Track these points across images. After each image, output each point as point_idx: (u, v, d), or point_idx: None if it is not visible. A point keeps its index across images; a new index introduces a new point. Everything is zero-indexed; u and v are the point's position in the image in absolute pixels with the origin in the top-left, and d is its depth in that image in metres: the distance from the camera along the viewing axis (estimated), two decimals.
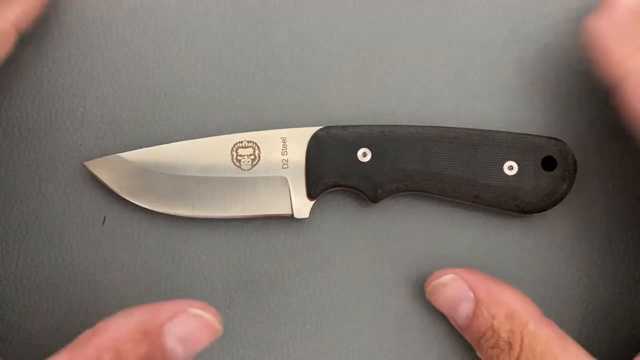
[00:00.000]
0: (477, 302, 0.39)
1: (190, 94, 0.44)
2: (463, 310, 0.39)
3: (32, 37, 0.43)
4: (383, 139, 0.41)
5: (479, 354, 0.40)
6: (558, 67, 0.44)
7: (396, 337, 0.43)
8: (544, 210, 0.42)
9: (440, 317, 0.43)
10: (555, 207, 0.42)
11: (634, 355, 0.37)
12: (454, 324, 0.41)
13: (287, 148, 0.42)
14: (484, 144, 0.41)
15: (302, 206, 0.42)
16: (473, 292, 0.39)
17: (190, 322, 0.35)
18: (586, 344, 0.42)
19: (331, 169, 0.41)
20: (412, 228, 0.43)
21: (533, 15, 0.45)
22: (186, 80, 0.44)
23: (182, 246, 0.43)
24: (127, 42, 0.44)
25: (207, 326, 0.35)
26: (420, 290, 0.43)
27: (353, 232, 0.43)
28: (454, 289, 0.40)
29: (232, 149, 0.42)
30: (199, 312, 0.35)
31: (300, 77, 0.44)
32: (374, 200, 0.42)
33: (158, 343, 0.34)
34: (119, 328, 0.34)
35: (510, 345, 0.37)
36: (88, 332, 0.34)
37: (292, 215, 0.42)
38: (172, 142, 0.42)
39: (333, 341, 0.43)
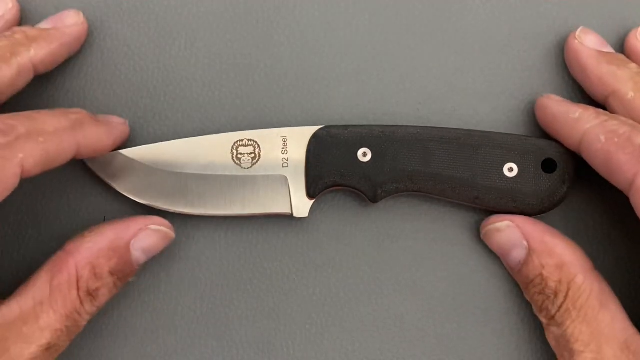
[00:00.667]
0: (530, 250, 0.40)
1: (190, 94, 0.44)
2: (515, 256, 0.41)
3: None
4: (383, 139, 0.41)
5: (525, 295, 0.41)
6: (558, 67, 0.44)
7: (396, 337, 0.43)
8: (544, 212, 0.42)
9: (440, 317, 0.43)
10: (555, 209, 0.42)
11: None
12: (505, 264, 0.42)
13: (287, 147, 0.42)
14: (484, 146, 0.41)
15: (301, 205, 0.42)
16: (527, 241, 0.40)
17: (151, 236, 0.40)
18: None
19: (331, 168, 0.41)
20: (412, 228, 0.43)
21: (533, 15, 0.45)
22: (186, 80, 0.44)
23: (182, 246, 0.43)
24: (127, 42, 0.44)
25: (165, 236, 0.41)
26: (420, 290, 0.43)
27: (353, 232, 0.43)
28: (508, 235, 0.41)
29: (232, 147, 0.42)
30: (158, 227, 0.41)
31: (300, 77, 0.44)
32: (374, 200, 0.42)
33: (125, 255, 0.39)
34: (91, 247, 0.38)
35: (556, 294, 0.38)
36: (60, 254, 0.38)
37: (292, 214, 0.42)
38: None
39: (333, 341, 0.43)
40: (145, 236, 0.40)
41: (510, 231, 0.41)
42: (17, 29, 0.41)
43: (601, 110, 0.40)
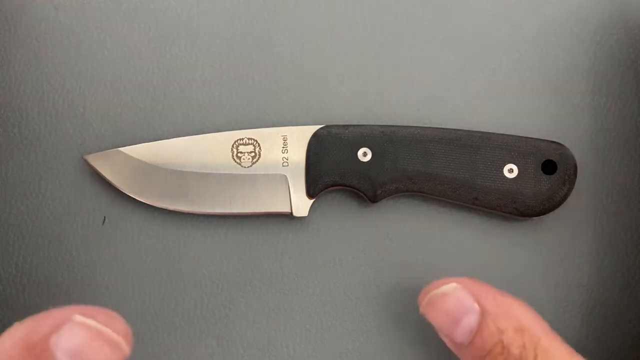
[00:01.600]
0: (483, 314, 0.34)
1: (190, 94, 0.44)
2: (466, 324, 0.34)
3: (32, 37, 0.43)
4: (384, 139, 0.41)
5: None
6: (559, 68, 0.44)
7: (396, 337, 0.43)
8: (544, 213, 0.42)
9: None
10: (555, 210, 0.42)
11: (634, 356, 0.37)
12: (448, 342, 0.36)
13: (287, 146, 0.42)
14: (485, 146, 0.41)
15: (301, 204, 0.42)
16: (478, 303, 0.34)
17: (78, 333, 0.30)
18: (586, 344, 0.42)
19: (331, 168, 0.41)
20: (411, 228, 0.43)
21: (533, 16, 0.45)
22: (186, 80, 0.44)
23: (182, 246, 0.43)
24: (127, 42, 0.44)
25: (98, 335, 0.30)
26: (420, 290, 0.43)
27: (352, 232, 0.43)
28: (457, 298, 0.35)
29: (232, 145, 0.42)
30: (85, 320, 0.30)
31: (300, 76, 0.44)
32: (374, 200, 0.42)
33: (45, 357, 0.29)
34: (3, 342, 0.30)
35: None
36: None
37: (291, 213, 0.42)
38: None
39: (333, 341, 0.43)
40: (68, 332, 0.30)
41: (458, 293, 0.35)
42: None
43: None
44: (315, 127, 0.42)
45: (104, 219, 0.43)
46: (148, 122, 0.44)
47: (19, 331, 0.30)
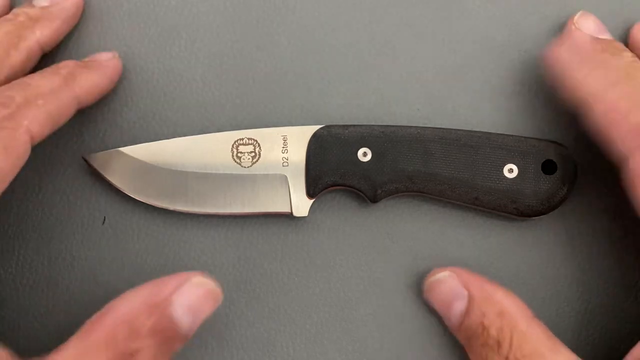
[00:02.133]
0: (470, 299, 0.39)
1: (190, 94, 0.44)
2: (457, 308, 0.39)
3: None
4: (384, 139, 0.41)
5: (470, 356, 0.40)
6: None
7: (396, 337, 0.43)
8: (544, 213, 0.42)
9: (440, 318, 0.43)
10: (555, 210, 0.42)
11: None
12: (448, 325, 0.41)
13: (287, 146, 0.42)
14: (485, 146, 0.41)
15: (301, 205, 0.42)
16: (467, 289, 0.39)
17: (194, 291, 0.36)
18: (585, 344, 0.42)
19: (331, 168, 0.41)
20: (411, 228, 0.43)
21: (533, 16, 0.45)
22: (186, 80, 0.44)
23: (182, 246, 0.43)
24: (127, 42, 0.44)
25: (210, 293, 0.37)
26: (419, 290, 0.43)
27: (352, 232, 0.43)
28: (449, 285, 0.40)
29: (232, 145, 0.42)
30: (202, 280, 0.37)
31: (300, 76, 0.44)
32: (374, 200, 0.42)
33: (166, 313, 0.35)
34: (128, 304, 0.35)
35: (499, 343, 0.37)
36: (95, 316, 0.35)
37: (292, 213, 0.42)
38: None
39: (333, 341, 0.43)
40: (187, 291, 0.36)
41: (450, 280, 0.40)
42: (18, 11, 0.41)
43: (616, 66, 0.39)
44: (315, 127, 0.42)
45: (104, 219, 0.43)
46: (148, 122, 0.44)
47: (143, 292, 0.36)
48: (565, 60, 0.40)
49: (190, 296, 0.36)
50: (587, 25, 0.42)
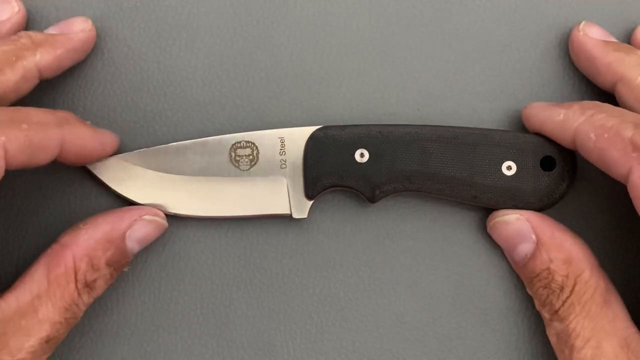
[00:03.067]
0: (539, 244, 0.40)
1: (190, 94, 0.44)
2: (522, 250, 0.40)
3: None
4: (381, 139, 0.41)
5: (528, 289, 0.41)
6: (558, 67, 0.44)
7: (396, 337, 0.43)
8: (543, 210, 0.42)
9: (440, 317, 0.43)
10: (554, 207, 0.42)
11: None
12: (508, 258, 0.43)
13: (285, 148, 0.42)
14: (483, 144, 0.41)
15: (300, 206, 0.42)
16: (536, 234, 0.40)
17: (146, 227, 0.41)
18: None
19: (329, 169, 0.41)
20: (411, 228, 0.43)
21: (533, 15, 0.45)
22: (186, 80, 0.44)
23: (182, 246, 0.43)
24: (127, 42, 0.44)
25: (158, 226, 0.42)
26: (420, 290, 0.43)
27: (352, 232, 0.43)
28: (517, 228, 0.41)
29: (230, 149, 0.42)
30: (152, 218, 0.41)
31: (300, 77, 0.44)
32: (372, 200, 0.42)
33: (121, 245, 0.40)
34: (88, 239, 0.39)
35: (562, 288, 0.39)
36: (56, 246, 0.39)
37: (291, 215, 0.42)
38: (171, 142, 0.43)
39: (333, 341, 0.43)
40: (140, 226, 0.40)
41: (519, 224, 0.41)
42: (23, 33, 0.41)
43: (585, 103, 0.40)
44: (313, 128, 0.42)
45: None
46: (148, 122, 0.44)
47: (100, 230, 0.39)
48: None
49: (142, 229, 0.41)
50: (593, 30, 0.43)
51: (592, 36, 0.43)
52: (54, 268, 0.38)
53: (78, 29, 0.42)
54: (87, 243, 0.39)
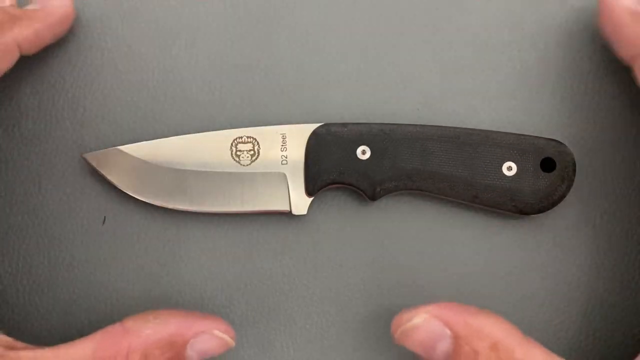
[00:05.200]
0: (456, 338, 0.36)
1: (190, 94, 0.44)
2: (441, 349, 0.36)
3: None
4: (382, 137, 0.41)
5: None
6: (558, 67, 0.44)
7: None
8: (543, 211, 0.42)
9: None
10: (555, 208, 0.42)
11: (634, 355, 0.37)
12: None
13: (286, 144, 0.42)
14: (484, 144, 0.41)
15: (300, 203, 0.42)
16: (449, 328, 0.36)
17: (212, 342, 0.38)
18: (586, 344, 0.42)
19: (330, 166, 0.41)
20: (411, 227, 0.43)
21: (533, 15, 0.45)
22: (186, 80, 0.44)
23: (182, 246, 0.43)
24: (127, 42, 0.44)
25: (225, 345, 0.38)
26: (420, 289, 0.43)
27: (352, 230, 0.43)
28: (428, 329, 0.36)
29: (231, 144, 0.42)
30: (221, 335, 0.38)
31: (300, 76, 0.44)
32: (373, 198, 0.42)
33: (181, 353, 0.37)
34: (151, 334, 0.36)
35: None
36: (118, 327, 0.36)
37: (291, 211, 0.42)
38: None
39: (333, 341, 0.43)
40: (206, 339, 0.38)
41: (428, 324, 0.36)
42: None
43: None
44: (314, 125, 0.42)
45: (104, 219, 0.43)
46: (148, 122, 0.44)
47: (166, 329, 0.37)
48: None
49: (207, 344, 0.38)
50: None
51: (622, 2, 0.40)
52: (106, 347, 0.36)
53: (57, 4, 0.42)
54: (149, 338, 0.36)
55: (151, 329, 0.36)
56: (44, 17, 0.42)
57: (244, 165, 0.42)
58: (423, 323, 0.36)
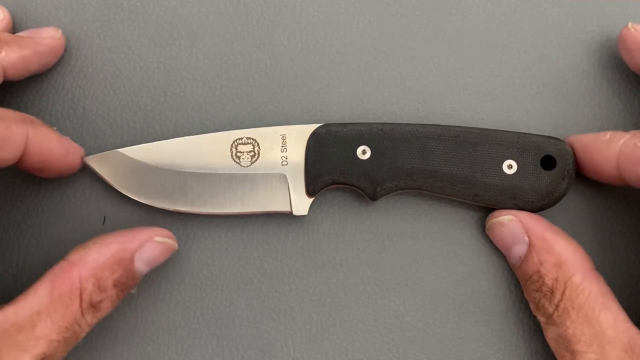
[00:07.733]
0: (530, 246, 0.40)
1: (190, 94, 0.44)
2: (516, 252, 0.41)
3: None
4: (382, 136, 0.41)
5: (524, 292, 0.41)
6: (558, 67, 0.44)
7: (396, 337, 0.43)
8: (543, 209, 0.42)
9: (440, 317, 0.43)
10: (554, 206, 0.42)
11: None
12: (507, 259, 0.43)
13: (286, 145, 0.42)
14: (484, 143, 0.41)
15: (301, 203, 0.42)
16: (528, 236, 0.40)
17: (156, 248, 0.40)
18: None
19: (330, 166, 0.41)
20: (411, 226, 0.43)
21: (533, 15, 0.45)
22: (186, 80, 0.44)
23: (182, 246, 0.43)
24: (127, 42, 0.44)
25: (168, 248, 0.41)
26: (420, 289, 0.43)
27: (352, 230, 0.43)
28: (511, 230, 0.41)
29: (231, 145, 0.42)
30: (163, 239, 0.41)
31: (300, 76, 0.44)
32: (373, 198, 0.42)
33: (129, 267, 0.39)
34: (97, 258, 0.38)
35: (552, 292, 0.39)
36: (63, 264, 0.38)
37: (291, 212, 0.42)
38: None
39: (333, 341, 0.43)
40: (149, 248, 0.40)
41: (512, 225, 0.41)
42: None
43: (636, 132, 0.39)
44: (314, 126, 0.42)
45: (104, 219, 0.43)
46: (148, 122, 0.44)
47: (109, 250, 0.38)
48: None
49: (152, 252, 0.40)
50: None
51: None
52: (59, 286, 0.37)
53: (47, 35, 0.43)
54: (95, 263, 0.38)
55: (95, 253, 0.38)
56: (33, 45, 0.42)
57: (244, 166, 0.42)
58: (508, 223, 0.41)
